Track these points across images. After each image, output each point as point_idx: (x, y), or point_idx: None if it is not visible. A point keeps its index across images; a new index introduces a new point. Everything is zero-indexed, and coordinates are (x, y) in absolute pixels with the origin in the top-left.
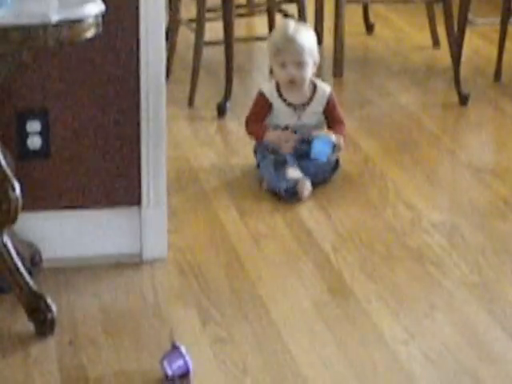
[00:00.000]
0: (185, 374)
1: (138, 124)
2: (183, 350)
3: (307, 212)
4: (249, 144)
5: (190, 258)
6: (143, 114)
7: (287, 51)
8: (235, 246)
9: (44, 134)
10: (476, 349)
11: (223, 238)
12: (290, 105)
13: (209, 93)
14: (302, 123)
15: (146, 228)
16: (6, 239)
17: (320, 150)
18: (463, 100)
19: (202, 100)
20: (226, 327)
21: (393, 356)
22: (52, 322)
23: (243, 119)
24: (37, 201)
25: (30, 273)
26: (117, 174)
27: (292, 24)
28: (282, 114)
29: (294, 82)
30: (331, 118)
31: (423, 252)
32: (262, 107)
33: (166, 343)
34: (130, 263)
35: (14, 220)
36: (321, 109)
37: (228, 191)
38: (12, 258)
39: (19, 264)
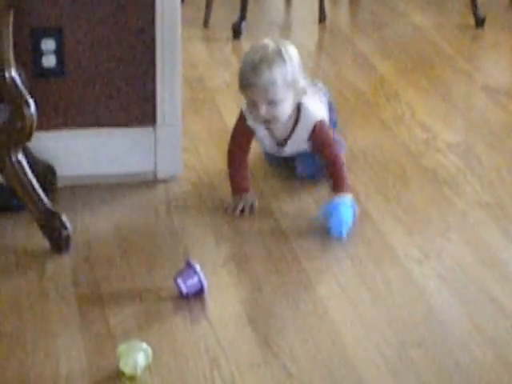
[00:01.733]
0: (199, 292)
1: (154, 44)
2: (197, 267)
3: None
4: None
5: (204, 177)
6: (158, 34)
7: (256, 88)
8: (249, 164)
9: (58, 52)
10: (490, 268)
11: None
12: (272, 135)
13: (224, 14)
14: (284, 153)
15: (160, 147)
16: (21, 157)
17: (336, 224)
18: (479, 22)
19: (217, 21)
20: (240, 245)
21: (407, 275)
22: (67, 239)
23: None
24: (52, 119)
25: (44, 191)
26: (132, 93)
27: (265, 48)
28: (264, 140)
29: (265, 122)
30: (320, 152)
31: (438, 172)
32: (242, 134)
33: (181, 261)
34: (145, 182)
35: (28, 138)
36: (305, 136)
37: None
38: (27, 176)
39: (34, 182)
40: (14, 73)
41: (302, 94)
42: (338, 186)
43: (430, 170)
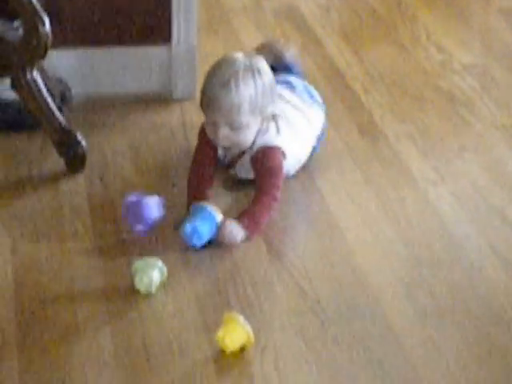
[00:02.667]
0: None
1: None
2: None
3: (338, 53)
4: None
5: None
6: None
7: (220, 109)
8: None
9: None
10: (505, 189)
11: None
12: (224, 151)
13: None
14: (235, 176)
15: (176, 66)
16: (36, 75)
17: (190, 232)
18: None
19: None
20: None
21: (422, 196)
22: (82, 158)
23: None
24: (67, 37)
25: (60, 109)
26: (147, 11)
27: (236, 64)
28: (220, 156)
29: (225, 148)
30: (258, 177)
31: (454, 94)
32: (203, 151)
33: None
34: (161, 101)
35: (43, 55)
36: (248, 161)
37: (259, 31)
38: (42, 94)
39: (49, 100)
40: None
41: (268, 120)
42: (242, 217)
43: (446, 92)
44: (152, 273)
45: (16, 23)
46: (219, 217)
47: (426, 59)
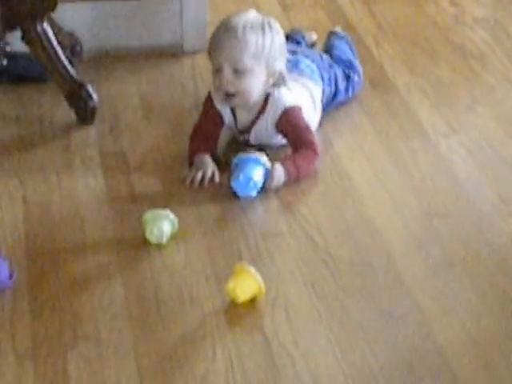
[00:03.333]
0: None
1: None
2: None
3: (350, 6)
4: None
5: None
6: None
7: (223, 49)
8: None
9: None
10: None
11: None
12: (234, 117)
13: None
14: (248, 140)
15: (186, 19)
16: (46, 26)
17: (243, 181)
18: None
19: None
20: None
21: (433, 148)
22: (93, 110)
23: None
24: None
25: (70, 62)
26: None
27: (248, 15)
28: (229, 125)
29: (229, 96)
30: (293, 144)
31: (466, 47)
32: (209, 119)
33: None
34: (171, 54)
35: (53, 7)
36: (272, 128)
37: None
38: (52, 46)
39: (60, 52)
40: None
41: (277, 80)
42: (287, 158)
43: (458, 45)
44: (163, 224)
45: None
46: (268, 162)
47: (438, 12)
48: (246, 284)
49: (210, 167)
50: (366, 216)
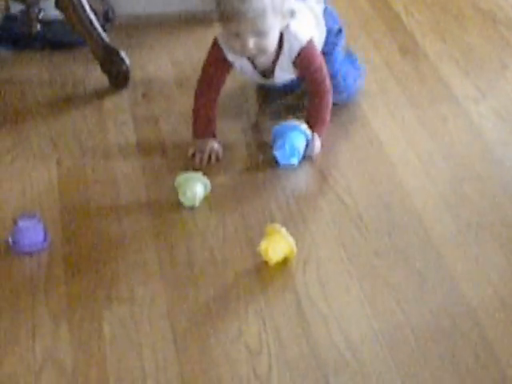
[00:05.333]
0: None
1: None
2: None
3: None
4: None
5: None
6: None
7: (244, 19)
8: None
9: None
10: None
11: None
12: (253, 64)
13: None
14: (273, 83)
15: None
16: None
17: (289, 153)
18: None
19: None
20: None
21: (464, 114)
22: (126, 75)
23: None
24: None
25: (103, 28)
26: None
27: None
28: (247, 72)
29: (253, 56)
30: (304, 80)
31: (496, 13)
32: (217, 68)
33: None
34: (202, 21)
35: None
36: (290, 65)
37: None
38: (85, 11)
39: (93, 18)
40: None
41: (289, 16)
42: (312, 123)
43: (487, 11)
44: (195, 186)
45: None
46: (308, 130)
47: None
48: (278, 245)
49: (215, 147)
50: (396, 180)
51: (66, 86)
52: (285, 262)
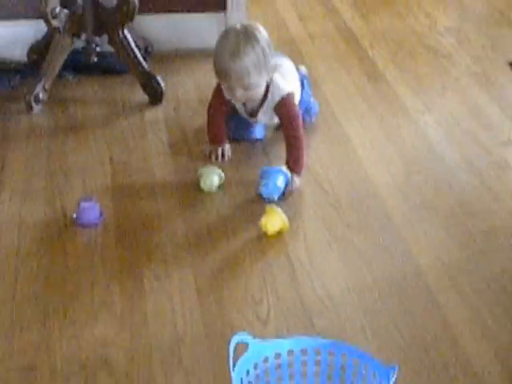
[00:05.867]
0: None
1: None
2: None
3: (351, 19)
4: None
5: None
6: None
7: (231, 77)
8: (297, 43)
9: None
10: (476, 119)
11: (287, 37)
12: (244, 104)
13: None
14: (256, 122)
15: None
16: (126, 32)
17: (272, 189)
18: None
19: None
20: None
21: (414, 123)
22: (161, 94)
23: None
24: (150, 5)
25: (144, 59)
26: None
27: (236, 35)
28: (238, 109)
29: (241, 102)
30: (282, 127)
31: (437, 49)
32: (220, 102)
33: None
34: None
35: (131, 18)
36: (272, 110)
37: (291, 4)
38: (131, 47)
39: (136, 51)
40: None
41: (273, 71)
42: (291, 166)
43: (432, 47)
44: (213, 177)
45: None
46: (288, 171)
47: (417, 23)
48: (275, 221)
49: (227, 148)
50: (362, 172)
51: (116, 103)
52: (280, 233)
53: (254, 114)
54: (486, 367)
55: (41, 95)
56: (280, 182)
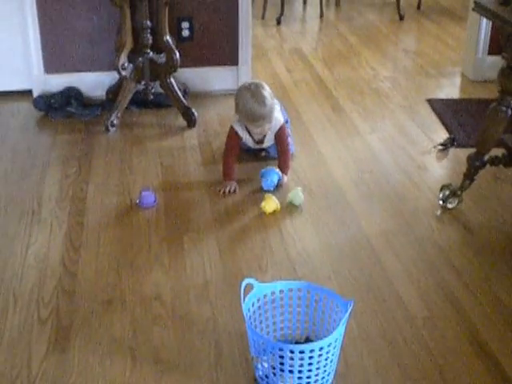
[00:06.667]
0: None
1: (237, 26)
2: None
3: (321, 70)
4: (296, 39)
5: None
6: (240, 20)
7: (264, 119)
8: (286, 88)
9: (191, 29)
10: (404, 135)
11: (278, 83)
12: (253, 138)
13: (272, 12)
14: (261, 148)
15: (241, 76)
16: (172, 79)
17: (269, 183)
18: (401, 17)
19: (268, 15)
20: None
21: (363, 140)
22: (195, 121)
23: (291, 27)
24: (187, 61)
25: (183, 97)
26: (227, 51)
27: (252, 91)
28: (247, 141)
29: (252, 136)
30: (279, 144)
31: (379, 90)
32: (235, 143)
33: None
34: (233, 94)
35: (175, 70)
36: (273, 136)
37: (281, 60)
38: (174, 89)
39: (178, 92)
40: (168, 37)
41: (274, 110)
42: (282, 168)
43: (375, 89)
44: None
45: (162, 54)
46: (280, 173)
47: (365, 73)
48: (271, 204)
49: (234, 185)
50: (329, 172)
51: (165, 127)
52: (274, 212)
53: (261, 141)
54: (410, 300)
55: (115, 121)
56: (275, 178)
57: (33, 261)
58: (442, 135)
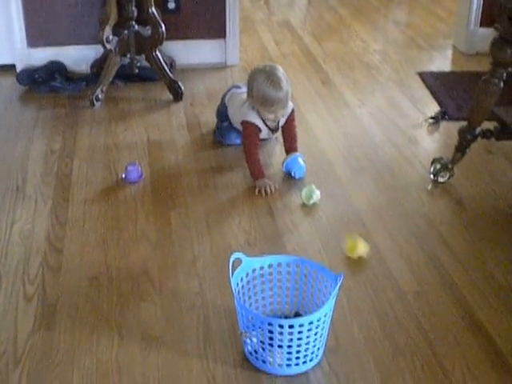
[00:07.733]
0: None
1: (224, 3)
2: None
3: (310, 43)
4: (284, 11)
5: (248, 66)
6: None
7: (279, 104)
8: (274, 60)
9: (176, 0)
10: (395, 109)
11: (267, 56)
12: (268, 127)
13: None
14: (274, 136)
15: (228, 49)
16: (158, 53)
17: (300, 170)
18: None
19: None
20: None
21: (353, 113)
22: (181, 94)
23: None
24: (171, 34)
25: (169, 70)
26: (215, 24)
27: (268, 75)
28: (263, 131)
29: (277, 119)
30: (290, 128)
31: (369, 63)
32: (257, 137)
33: None
34: (220, 67)
35: (161, 43)
36: (284, 120)
37: (269, 32)
38: (161, 62)
39: (164, 66)
40: (153, 9)
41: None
42: (294, 146)
43: (365, 62)
44: (314, 193)
45: (147, 27)
46: (296, 153)
47: (355, 46)
48: (359, 246)
49: (271, 183)
50: (319, 146)
51: (151, 100)
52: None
53: (276, 129)
54: (401, 275)
55: (100, 96)
56: (301, 161)
57: (18, 237)
58: (433, 108)
